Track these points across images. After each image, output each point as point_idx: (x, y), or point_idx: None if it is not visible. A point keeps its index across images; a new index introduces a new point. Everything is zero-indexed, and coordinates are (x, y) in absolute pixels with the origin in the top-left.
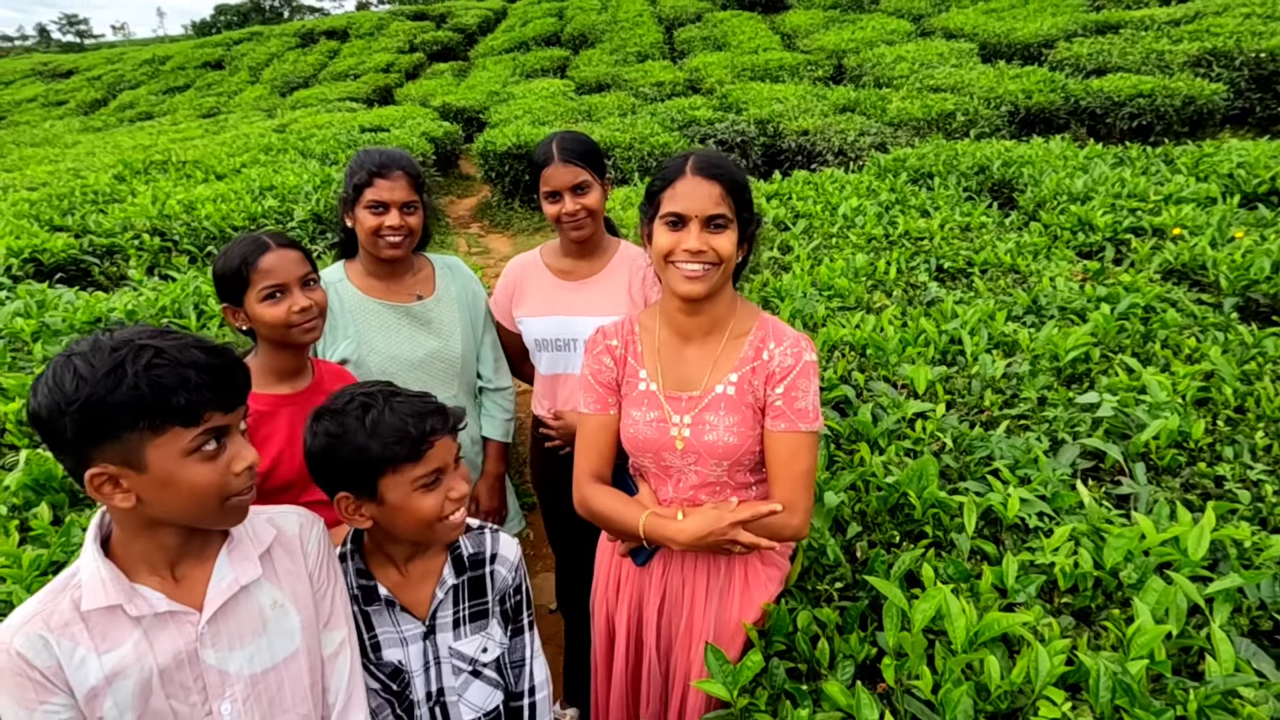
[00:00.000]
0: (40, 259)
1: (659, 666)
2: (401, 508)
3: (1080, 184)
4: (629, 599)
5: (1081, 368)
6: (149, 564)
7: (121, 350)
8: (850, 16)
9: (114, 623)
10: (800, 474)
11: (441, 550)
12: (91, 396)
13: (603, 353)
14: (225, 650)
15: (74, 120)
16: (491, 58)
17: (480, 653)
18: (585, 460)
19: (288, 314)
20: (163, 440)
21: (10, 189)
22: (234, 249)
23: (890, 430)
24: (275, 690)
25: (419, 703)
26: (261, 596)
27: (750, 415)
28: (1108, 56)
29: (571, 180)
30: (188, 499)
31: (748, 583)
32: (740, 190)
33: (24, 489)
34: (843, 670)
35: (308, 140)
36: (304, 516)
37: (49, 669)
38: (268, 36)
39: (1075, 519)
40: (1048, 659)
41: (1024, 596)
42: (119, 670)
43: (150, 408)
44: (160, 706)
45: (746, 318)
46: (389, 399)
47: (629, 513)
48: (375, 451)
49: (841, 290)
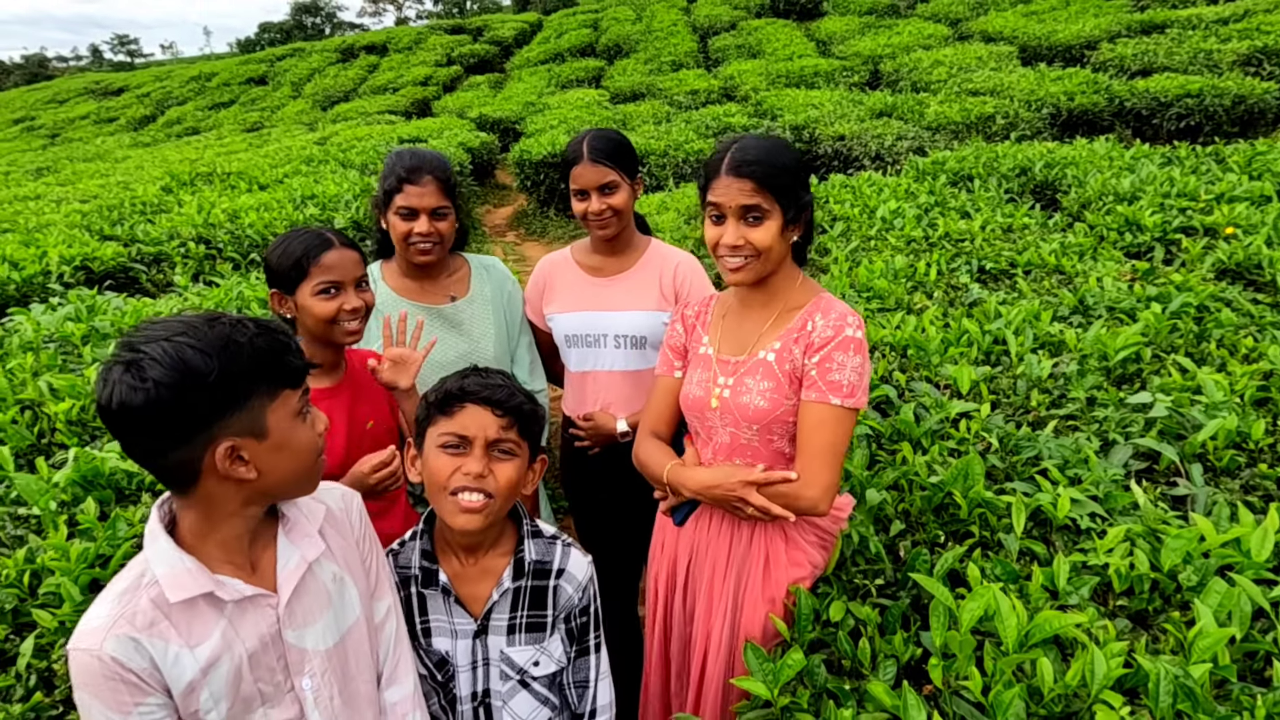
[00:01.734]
0: (91, 267)
1: (685, 628)
2: (427, 461)
3: (1127, 184)
4: (669, 558)
5: (1132, 368)
6: (226, 552)
7: (219, 325)
8: (886, 22)
9: (198, 615)
10: (822, 446)
11: (506, 551)
12: (225, 368)
13: (678, 320)
14: (301, 628)
15: (124, 136)
16: (527, 69)
17: (532, 665)
18: (646, 418)
19: (338, 310)
20: (278, 404)
21: (64, 201)
22: (296, 240)
23: (933, 430)
24: (345, 661)
25: (462, 699)
26: (323, 573)
27: (785, 384)
28: (1153, 57)
29: (599, 180)
30: (299, 459)
31: (768, 562)
32: (776, 178)
33: (72, 485)
34: (885, 670)
35: (348, 152)
36: (343, 490)
37: (144, 670)
38: (309, 53)
39: (1130, 520)
40: (1104, 661)
41: (1076, 599)
42: (213, 660)
43: (270, 372)
44: (249, 691)
45: (805, 293)
46: (478, 370)
47: (660, 461)
48: (427, 400)
49: (881, 291)
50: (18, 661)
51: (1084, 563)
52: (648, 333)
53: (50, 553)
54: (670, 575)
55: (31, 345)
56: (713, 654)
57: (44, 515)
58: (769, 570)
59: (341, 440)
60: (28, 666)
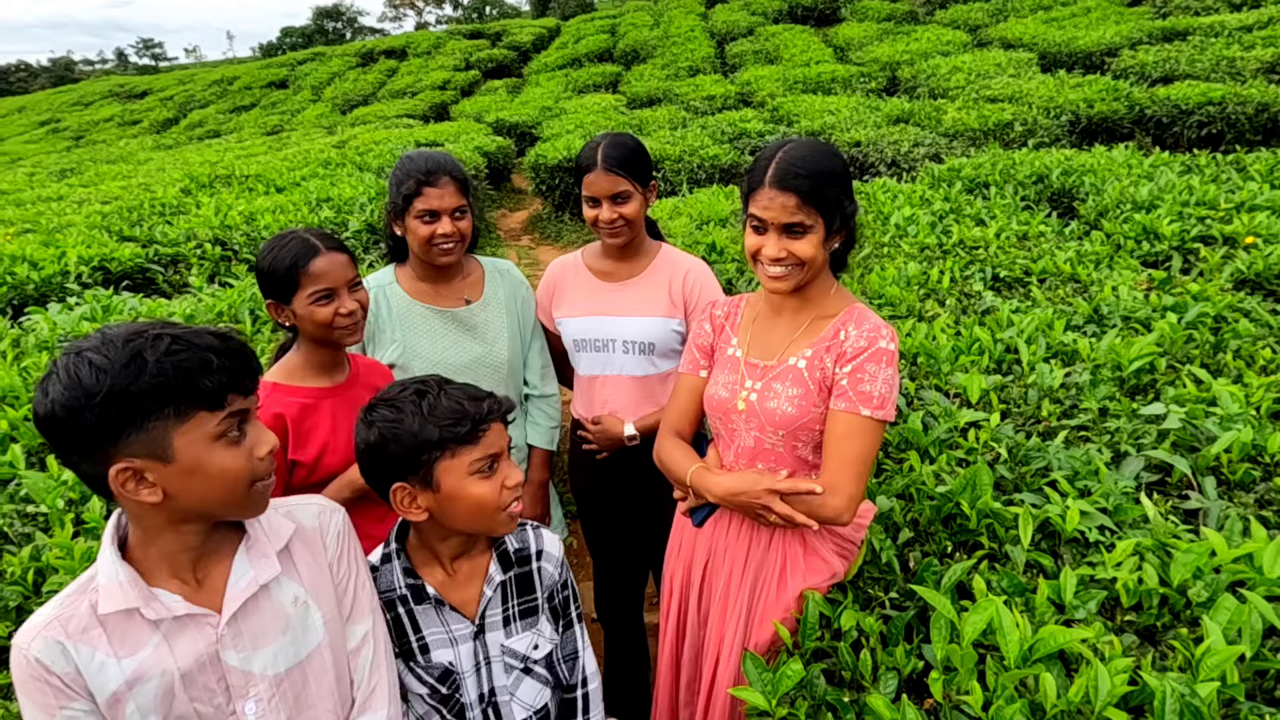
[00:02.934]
0: (108, 267)
1: (698, 632)
2: (458, 495)
3: (1145, 192)
4: (685, 560)
5: (1146, 379)
6: (170, 565)
7: (136, 340)
8: (905, 28)
9: (132, 627)
10: (850, 457)
11: (486, 548)
12: (114, 387)
13: (706, 319)
14: (249, 650)
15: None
16: (545, 74)
17: (532, 649)
18: (669, 416)
19: (334, 316)
20: (189, 427)
21: (85, 202)
22: (283, 249)
23: (941, 439)
24: (301, 687)
25: (470, 705)
26: (283, 594)
27: (815, 391)
28: (1175, 64)
29: (611, 189)
30: (218, 486)
31: (785, 569)
32: (820, 192)
33: (79, 484)
34: (885, 683)
35: (365, 155)
36: (323, 506)
37: (67, 675)
38: (330, 57)
39: (1139, 533)
40: (1108, 677)
41: (1083, 613)
42: (140, 675)
43: (176, 393)
44: (184, 710)
45: (838, 302)
46: (442, 386)
47: (684, 463)
48: (433, 434)
49: (893, 298)
50: None
51: (1091, 576)
52: (656, 339)
53: (55, 550)
54: (686, 578)
55: (47, 344)
56: (724, 661)
57: (51, 513)
58: (785, 577)
59: (344, 439)
60: None
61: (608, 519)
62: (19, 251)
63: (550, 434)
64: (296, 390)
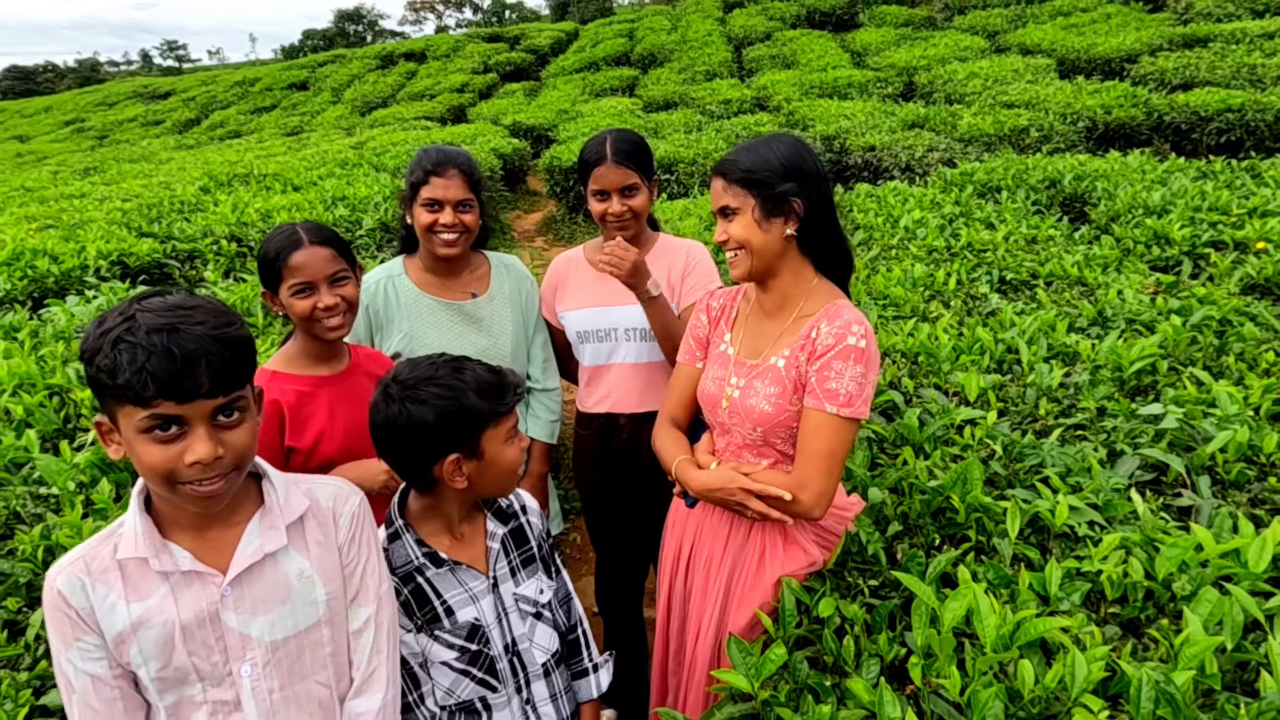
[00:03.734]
0: (127, 262)
1: (683, 607)
2: (496, 460)
3: (1157, 197)
4: (677, 537)
5: (1147, 380)
6: (178, 523)
7: (123, 323)
8: (922, 34)
9: (145, 574)
10: (817, 453)
11: (479, 509)
12: (84, 354)
13: (703, 310)
14: (248, 615)
15: (169, 138)
16: (562, 77)
17: (539, 594)
18: (667, 404)
19: (313, 309)
20: (123, 411)
21: (107, 200)
22: (272, 240)
23: (937, 435)
24: (295, 658)
25: (499, 656)
26: (288, 566)
27: (790, 390)
28: (1195, 71)
29: (621, 182)
30: (144, 471)
31: (763, 558)
32: (747, 172)
33: (91, 467)
34: (868, 669)
35: (381, 156)
36: (340, 489)
37: (83, 610)
38: (350, 59)
39: (1129, 529)
40: (1085, 664)
41: (1067, 604)
42: (144, 620)
43: (102, 383)
44: (182, 662)
45: (818, 300)
46: (465, 361)
47: (673, 453)
48: (484, 407)
49: (897, 299)
50: (27, 632)
51: (1077, 569)
52: None
53: (65, 530)
54: (676, 554)
55: (63, 335)
56: (702, 639)
57: (62, 495)
58: (764, 564)
59: (341, 426)
60: (36, 637)
61: (610, 511)
62: (40, 246)
63: (551, 427)
64: (294, 378)
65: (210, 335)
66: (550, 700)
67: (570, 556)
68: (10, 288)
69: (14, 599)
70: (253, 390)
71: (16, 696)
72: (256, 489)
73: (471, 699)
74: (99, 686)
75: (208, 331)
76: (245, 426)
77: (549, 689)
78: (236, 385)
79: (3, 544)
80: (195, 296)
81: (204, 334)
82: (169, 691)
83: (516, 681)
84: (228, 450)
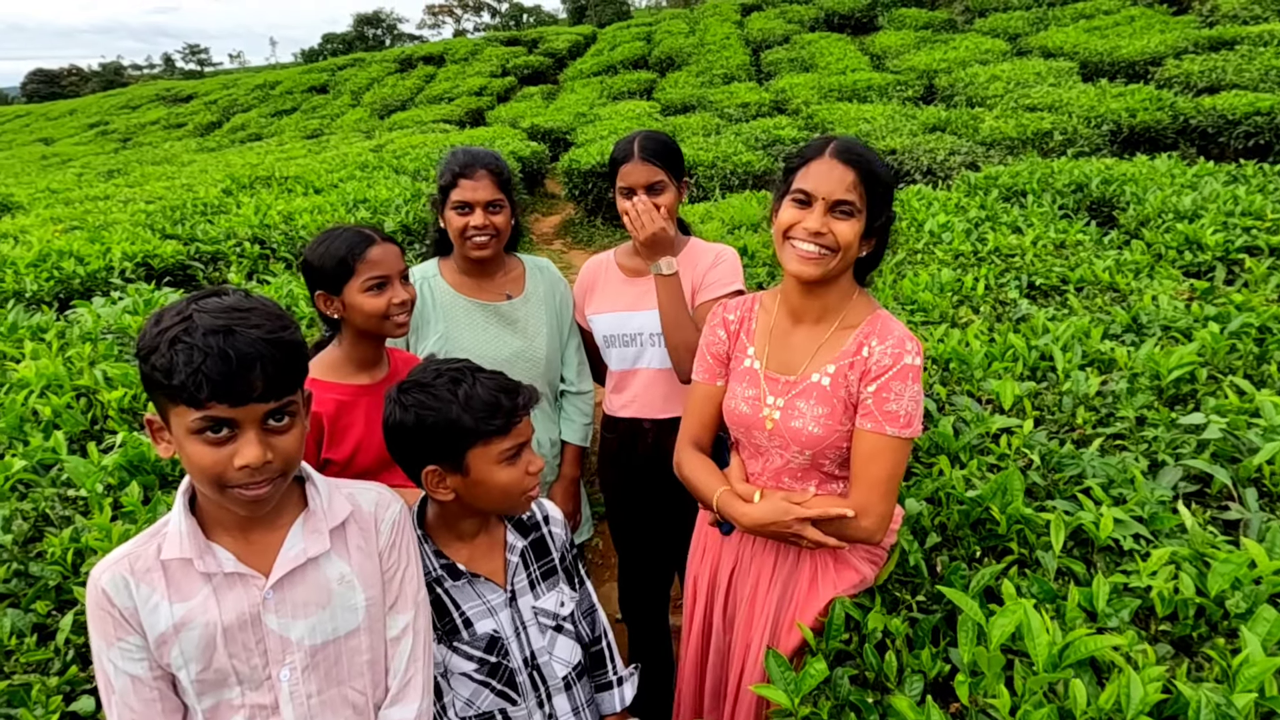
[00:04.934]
0: (151, 264)
1: (723, 636)
2: (486, 480)
3: (1188, 201)
4: (710, 565)
5: (1186, 388)
6: (222, 524)
7: (180, 323)
8: (942, 37)
9: (188, 575)
10: (879, 478)
11: (500, 520)
12: (140, 350)
13: (719, 325)
14: (288, 618)
15: (191, 141)
16: (580, 80)
17: (559, 607)
18: (688, 426)
19: (388, 305)
20: (175, 411)
21: (130, 202)
22: (338, 239)
23: (972, 445)
24: (333, 663)
25: (518, 669)
26: (330, 570)
27: (840, 409)
28: (1221, 74)
29: (648, 179)
30: (193, 472)
31: (815, 579)
32: (876, 181)
33: (119, 469)
34: (911, 685)
35: (401, 158)
36: (382, 495)
37: (126, 609)
38: (369, 63)
39: (1176, 543)
40: (1141, 685)
41: (1116, 621)
42: (186, 621)
43: (156, 381)
44: (223, 664)
45: (860, 311)
46: (476, 374)
47: (709, 485)
48: (468, 424)
49: (925, 304)
50: (57, 636)
51: (1125, 584)
52: None
53: (94, 533)
54: (711, 581)
55: (90, 336)
56: (749, 668)
57: (90, 497)
58: (815, 586)
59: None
60: (66, 642)
61: (635, 517)
62: (66, 247)
63: (584, 431)
64: (335, 387)
65: (265, 339)
66: (573, 713)
67: (593, 562)
68: (37, 289)
69: (43, 602)
70: (303, 394)
71: (47, 703)
72: (300, 492)
73: (492, 710)
74: (139, 687)
75: (263, 335)
76: (295, 431)
77: (571, 702)
78: (289, 389)
79: (32, 546)
80: (251, 297)
81: (259, 337)
82: (208, 694)
83: (538, 695)
84: (276, 455)
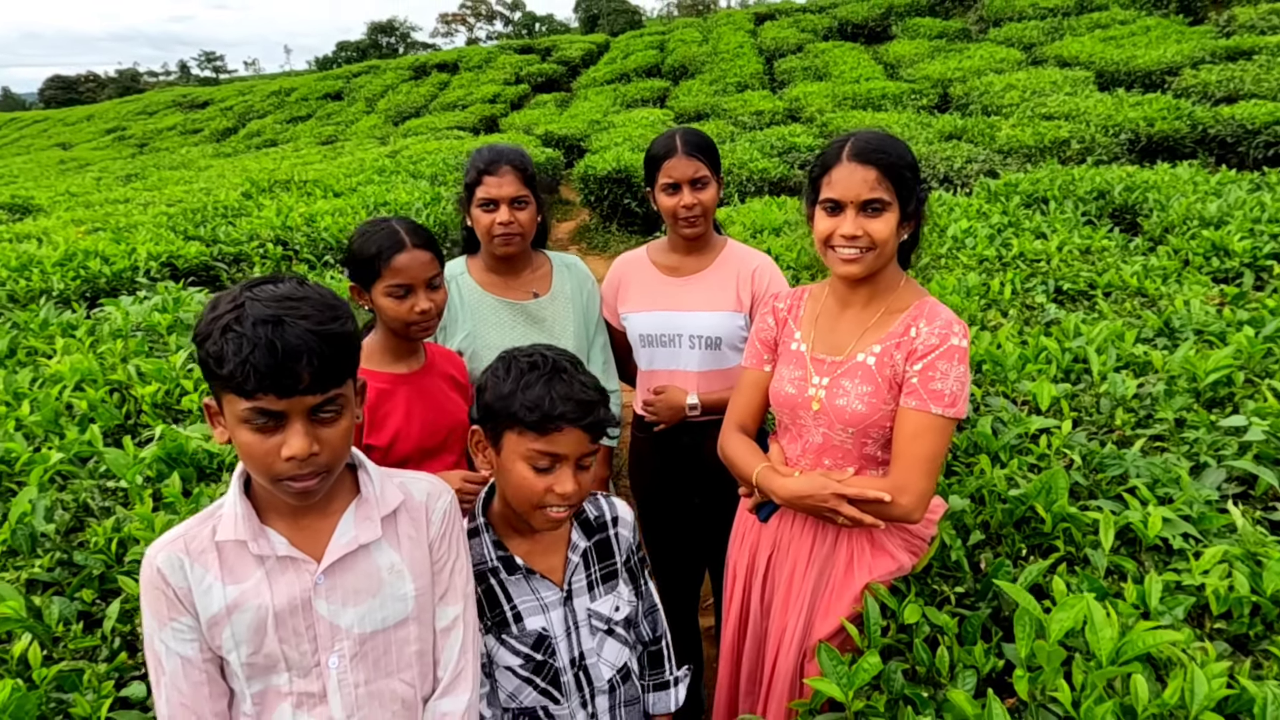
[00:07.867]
0: (176, 264)
1: (760, 622)
2: (508, 468)
3: (1214, 208)
4: (749, 550)
5: (1223, 391)
6: (275, 509)
7: (232, 310)
8: (957, 46)
9: (242, 558)
10: (920, 456)
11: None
12: (196, 336)
13: (769, 313)
14: (339, 605)
15: (207, 146)
16: (593, 88)
17: (614, 611)
18: (734, 410)
19: (409, 313)
20: (228, 399)
21: (150, 205)
22: (373, 237)
23: (1012, 445)
24: (382, 652)
25: (564, 669)
26: (381, 559)
27: (885, 389)
28: (1239, 83)
29: (692, 173)
30: (244, 459)
31: (851, 564)
32: (899, 170)
33: (158, 461)
34: (964, 680)
35: (418, 164)
36: (434, 485)
37: (181, 589)
38: (383, 70)
39: (1226, 542)
40: (1205, 681)
41: (1170, 619)
42: (239, 603)
43: (210, 368)
44: (273, 649)
45: (908, 295)
46: (558, 370)
47: (750, 461)
48: (508, 405)
49: (953, 308)
50: (104, 624)
51: (1178, 582)
52: (723, 334)
53: (136, 522)
54: (750, 566)
55: (121, 332)
56: (784, 653)
57: (130, 489)
58: (851, 572)
59: (417, 425)
60: (112, 630)
61: (667, 517)
62: (91, 247)
63: (612, 431)
64: (374, 375)
65: (313, 331)
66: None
67: None
68: (64, 287)
69: (88, 590)
70: (354, 385)
71: (99, 686)
72: (352, 479)
73: (534, 707)
74: (188, 669)
75: (311, 327)
76: (343, 424)
77: (611, 702)
78: (336, 382)
79: (74, 536)
80: (306, 285)
81: (308, 329)
82: (256, 679)
83: (581, 695)
84: (324, 447)
